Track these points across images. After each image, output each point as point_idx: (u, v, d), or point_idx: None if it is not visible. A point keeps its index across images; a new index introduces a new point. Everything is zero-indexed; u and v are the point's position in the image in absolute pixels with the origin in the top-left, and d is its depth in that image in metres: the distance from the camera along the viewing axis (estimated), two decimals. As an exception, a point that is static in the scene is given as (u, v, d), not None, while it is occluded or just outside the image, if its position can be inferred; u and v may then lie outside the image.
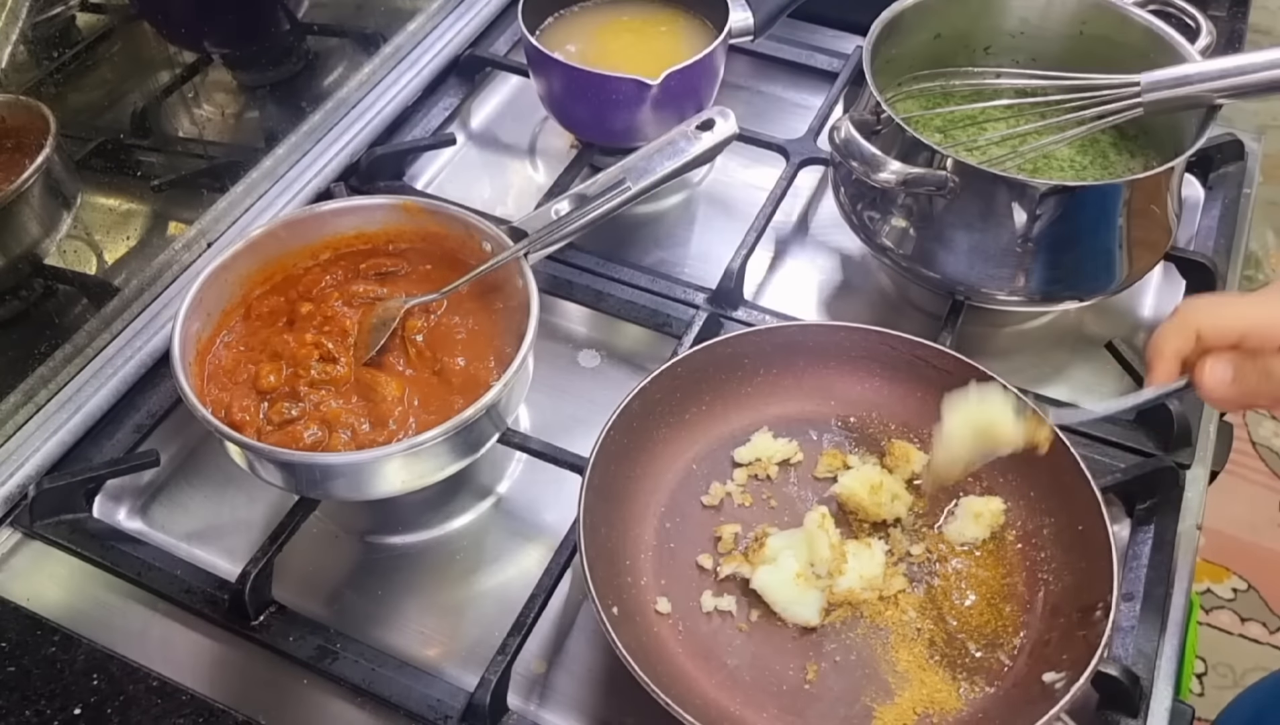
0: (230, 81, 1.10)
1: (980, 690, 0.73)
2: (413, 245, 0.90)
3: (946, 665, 0.74)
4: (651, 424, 0.82)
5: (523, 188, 1.14)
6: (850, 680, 0.74)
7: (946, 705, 0.72)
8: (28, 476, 0.85)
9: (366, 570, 0.84)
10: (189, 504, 0.88)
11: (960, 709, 0.72)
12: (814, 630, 0.76)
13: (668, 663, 0.73)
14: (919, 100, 1.03)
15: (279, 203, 1.06)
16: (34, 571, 0.82)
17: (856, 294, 1.04)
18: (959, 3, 1.01)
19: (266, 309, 0.87)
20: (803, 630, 0.76)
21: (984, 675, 0.73)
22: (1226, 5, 1.25)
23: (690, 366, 0.84)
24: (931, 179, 0.86)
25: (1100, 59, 0.98)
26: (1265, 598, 1.97)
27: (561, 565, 0.77)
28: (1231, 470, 2.09)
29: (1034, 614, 0.76)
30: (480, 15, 1.26)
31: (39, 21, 0.87)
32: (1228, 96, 0.86)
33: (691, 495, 0.83)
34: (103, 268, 0.96)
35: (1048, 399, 0.89)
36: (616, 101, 1.02)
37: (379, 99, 1.16)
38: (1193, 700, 0.84)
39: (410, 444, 0.74)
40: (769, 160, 1.10)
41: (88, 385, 0.90)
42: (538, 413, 0.93)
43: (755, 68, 1.24)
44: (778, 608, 0.76)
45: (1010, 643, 0.75)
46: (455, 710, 0.73)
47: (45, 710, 0.71)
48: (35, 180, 0.86)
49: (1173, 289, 1.02)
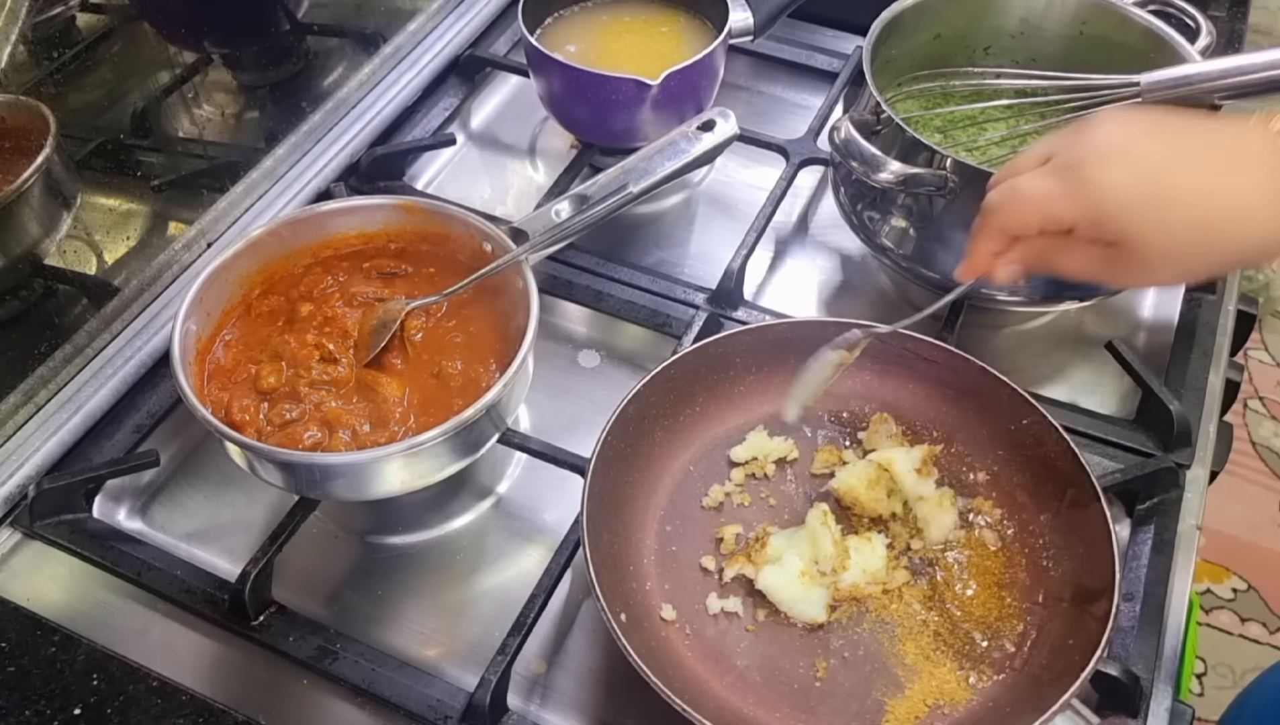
0: (230, 81, 1.10)
1: (989, 679, 0.73)
2: (413, 245, 0.90)
3: (954, 656, 0.74)
4: (647, 428, 0.82)
5: (523, 188, 1.14)
6: (860, 675, 0.74)
7: (956, 696, 0.72)
8: (28, 476, 0.85)
9: (366, 570, 0.84)
10: (189, 504, 0.88)
11: (970, 698, 0.72)
12: (821, 627, 0.76)
13: (678, 667, 0.73)
14: (919, 100, 1.03)
15: (279, 203, 1.06)
16: (34, 571, 0.82)
17: (856, 294, 1.04)
18: (959, 3, 1.01)
19: (266, 309, 0.87)
20: (810, 628, 0.76)
21: (991, 664, 0.74)
22: (1226, 5, 1.25)
23: (683, 368, 0.84)
24: (931, 179, 0.86)
25: (1100, 59, 0.98)
26: (1265, 598, 1.97)
27: (561, 565, 0.77)
28: (1231, 470, 2.09)
29: (1036, 601, 0.76)
30: (480, 15, 1.26)
31: (39, 21, 0.87)
32: (1227, 97, 0.86)
33: (690, 497, 0.83)
34: (103, 268, 0.96)
35: (1047, 399, 0.89)
36: (616, 102, 1.02)
37: (379, 99, 1.16)
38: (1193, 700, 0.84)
39: (410, 444, 0.74)
40: (769, 160, 1.10)
41: (88, 385, 0.90)
42: (538, 413, 0.93)
43: (755, 68, 1.24)
44: (784, 607, 0.76)
45: (1014, 630, 0.75)
46: (455, 710, 0.73)
47: (45, 710, 0.71)
48: (35, 180, 0.86)
49: (1173, 289, 1.02)
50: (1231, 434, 0.94)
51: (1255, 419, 2.24)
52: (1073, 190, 0.67)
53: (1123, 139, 0.68)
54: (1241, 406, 2.25)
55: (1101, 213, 0.66)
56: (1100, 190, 0.66)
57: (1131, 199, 0.66)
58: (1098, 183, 0.66)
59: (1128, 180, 0.66)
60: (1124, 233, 0.66)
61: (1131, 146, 0.67)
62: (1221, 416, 0.93)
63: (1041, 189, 0.69)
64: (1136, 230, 0.66)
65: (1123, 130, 0.68)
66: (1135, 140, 0.68)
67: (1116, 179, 0.66)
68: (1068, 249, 0.70)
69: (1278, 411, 2.25)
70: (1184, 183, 0.66)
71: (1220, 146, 0.68)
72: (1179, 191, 0.66)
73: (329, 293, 0.87)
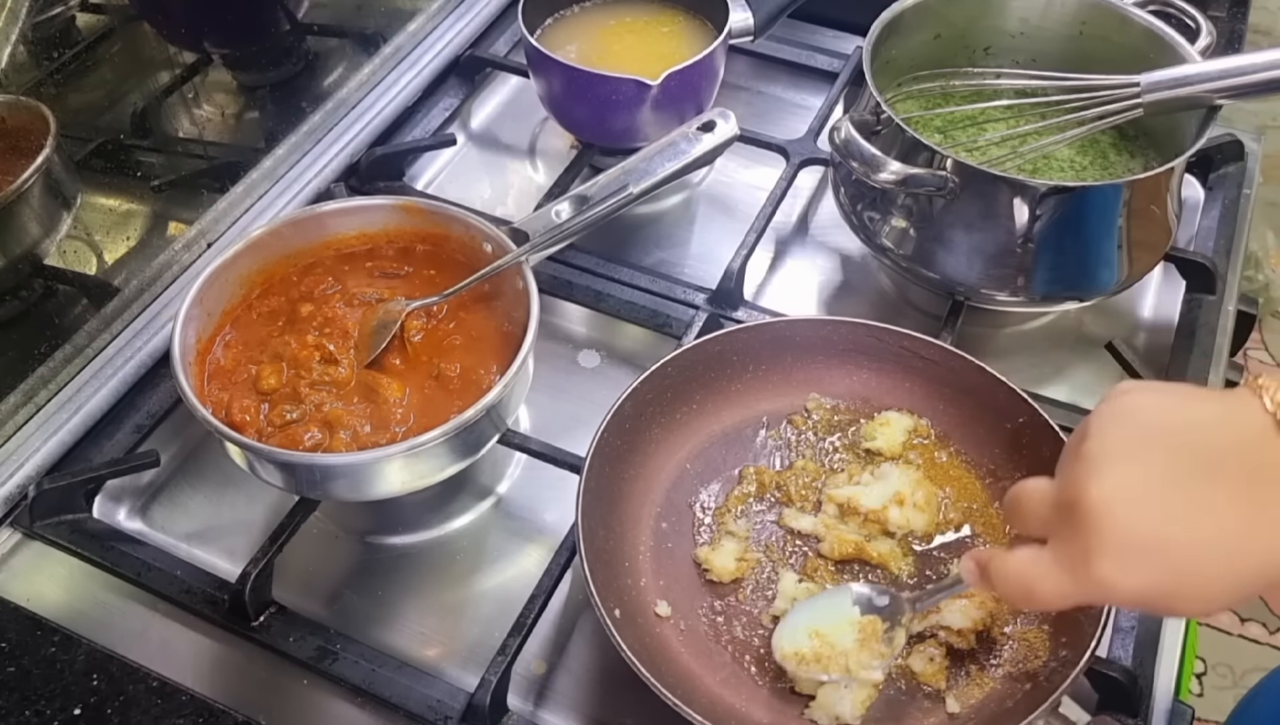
0: (230, 82, 1.09)
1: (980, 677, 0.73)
2: (413, 246, 0.90)
3: (945, 651, 0.74)
4: (644, 425, 0.82)
5: (523, 188, 1.14)
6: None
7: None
8: (28, 477, 0.85)
9: (366, 570, 0.84)
10: (189, 504, 0.88)
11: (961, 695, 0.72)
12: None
13: (671, 662, 0.73)
14: (919, 101, 1.03)
15: (279, 203, 1.06)
16: (34, 571, 0.82)
17: (856, 294, 1.04)
18: (959, 3, 1.01)
19: (267, 309, 0.87)
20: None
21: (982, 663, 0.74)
22: (1226, 5, 1.25)
23: (680, 366, 0.84)
24: (931, 179, 0.86)
25: (1100, 59, 0.98)
26: (1265, 598, 1.97)
27: (561, 566, 0.77)
28: (1231, 470, 2.08)
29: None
30: (480, 16, 1.26)
31: (39, 21, 0.86)
32: (1228, 97, 0.86)
33: (687, 495, 0.83)
34: (103, 268, 0.96)
35: (1047, 399, 0.88)
36: (616, 102, 1.02)
37: (379, 99, 1.16)
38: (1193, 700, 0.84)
39: (410, 445, 0.74)
40: (769, 160, 1.10)
41: (88, 385, 0.90)
42: (538, 413, 0.93)
43: (755, 68, 1.24)
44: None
45: (1006, 627, 0.75)
46: (455, 711, 0.73)
47: (45, 710, 0.71)
48: (35, 180, 0.86)
49: (1173, 289, 1.02)
50: (1231, 434, 0.94)
51: (1255, 419, 2.24)
52: (1076, 587, 0.56)
53: (1135, 496, 0.54)
54: (1241, 406, 2.25)
55: (1112, 601, 0.61)
56: (1110, 592, 0.56)
57: (1149, 595, 0.55)
58: (1107, 584, 0.55)
59: (1141, 580, 0.54)
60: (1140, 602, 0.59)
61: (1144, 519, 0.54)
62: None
63: (1033, 578, 0.58)
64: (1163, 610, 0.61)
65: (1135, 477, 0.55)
66: (1150, 500, 0.54)
67: (1129, 580, 0.54)
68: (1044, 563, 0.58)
69: (1278, 411, 2.25)
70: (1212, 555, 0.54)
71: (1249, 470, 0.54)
72: (1206, 569, 0.54)
73: (329, 293, 0.87)
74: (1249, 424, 0.54)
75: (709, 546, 0.80)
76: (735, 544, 0.79)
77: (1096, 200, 0.88)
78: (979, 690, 0.72)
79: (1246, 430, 0.54)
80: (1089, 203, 0.88)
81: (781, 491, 0.83)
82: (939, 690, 0.72)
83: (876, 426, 0.85)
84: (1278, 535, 0.53)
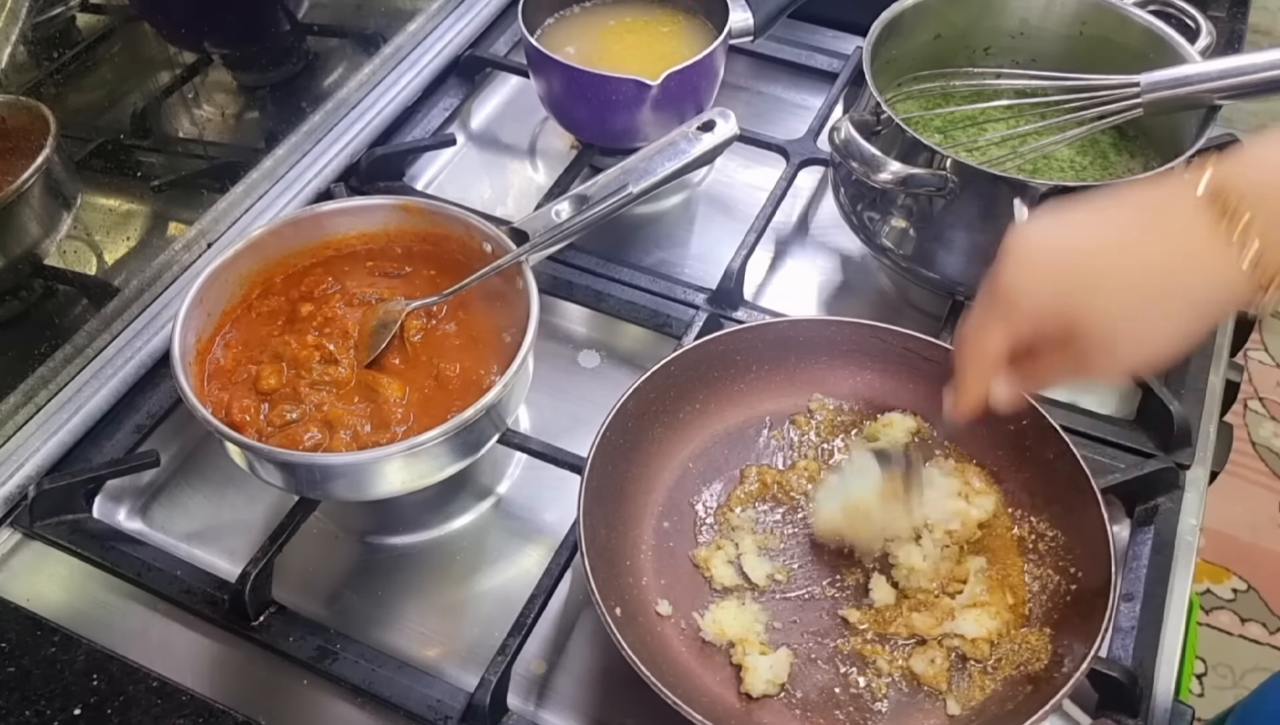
0: (230, 82, 1.09)
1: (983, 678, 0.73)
2: (413, 246, 0.90)
3: (947, 654, 0.74)
4: (646, 424, 0.82)
5: (523, 188, 1.14)
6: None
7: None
8: (28, 477, 0.85)
9: (366, 570, 0.84)
10: (189, 504, 0.88)
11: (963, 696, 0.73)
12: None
13: (672, 662, 0.73)
14: (919, 101, 1.03)
15: (279, 203, 1.06)
16: (34, 572, 0.82)
17: (856, 294, 1.04)
18: (959, 3, 1.01)
19: (267, 309, 0.87)
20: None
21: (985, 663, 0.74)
22: (1226, 5, 1.25)
23: (683, 365, 0.84)
24: (931, 179, 0.86)
25: (1100, 59, 0.98)
26: (1265, 598, 1.97)
27: (561, 565, 0.77)
28: (1231, 470, 2.09)
29: (1034, 603, 0.76)
30: (480, 16, 1.26)
31: (39, 21, 0.86)
32: (1227, 97, 0.86)
33: (688, 494, 0.83)
34: (103, 268, 0.96)
35: (1047, 400, 0.88)
36: (616, 102, 1.02)
37: (379, 99, 1.16)
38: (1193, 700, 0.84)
39: (410, 444, 0.74)
40: (769, 160, 1.10)
41: (88, 386, 0.90)
42: (538, 413, 0.93)
43: (755, 68, 1.24)
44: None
45: (1011, 629, 0.75)
46: (455, 711, 0.73)
47: (45, 710, 0.71)
48: (35, 181, 0.86)
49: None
50: (1231, 434, 0.94)
51: (1255, 419, 2.24)
52: (995, 312, 0.65)
53: (1033, 240, 0.64)
54: (1241, 407, 2.25)
55: (1028, 318, 0.64)
56: (1015, 299, 0.63)
57: (1046, 292, 0.63)
58: (1011, 293, 0.63)
59: (1038, 277, 0.63)
60: (1065, 326, 0.62)
61: (1040, 242, 0.64)
62: (1221, 417, 0.93)
63: (972, 326, 0.67)
64: (1072, 317, 0.62)
65: (1033, 232, 0.65)
66: (1046, 235, 0.64)
67: (1027, 281, 0.63)
68: (1039, 364, 0.66)
69: (1278, 412, 2.25)
70: (1105, 249, 0.62)
71: (1142, 207, 0.63)
72: (1100, 261, 0.62)
73: (329, 293, 0.87)
74: (1168, 188, 0.63)
75: (708, 547, 0.80)
76: (734, 550, 0.80)
77: (1096, 200, 0.88)
78: (980, 692, 0.72)
79: (1165, 188, 0.63)
80: (1089, 203, 0.88)
81: (783, 491, 0.83)
82: (940, 692, 0.72)
83: (879, 427, 0.85)
84: (1182, 260, 0.60)
